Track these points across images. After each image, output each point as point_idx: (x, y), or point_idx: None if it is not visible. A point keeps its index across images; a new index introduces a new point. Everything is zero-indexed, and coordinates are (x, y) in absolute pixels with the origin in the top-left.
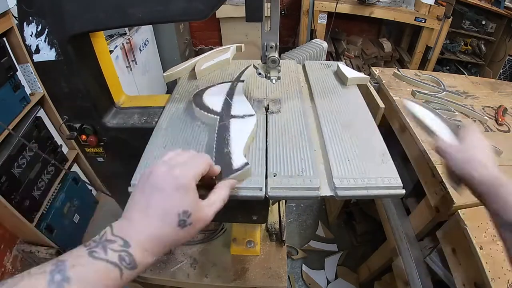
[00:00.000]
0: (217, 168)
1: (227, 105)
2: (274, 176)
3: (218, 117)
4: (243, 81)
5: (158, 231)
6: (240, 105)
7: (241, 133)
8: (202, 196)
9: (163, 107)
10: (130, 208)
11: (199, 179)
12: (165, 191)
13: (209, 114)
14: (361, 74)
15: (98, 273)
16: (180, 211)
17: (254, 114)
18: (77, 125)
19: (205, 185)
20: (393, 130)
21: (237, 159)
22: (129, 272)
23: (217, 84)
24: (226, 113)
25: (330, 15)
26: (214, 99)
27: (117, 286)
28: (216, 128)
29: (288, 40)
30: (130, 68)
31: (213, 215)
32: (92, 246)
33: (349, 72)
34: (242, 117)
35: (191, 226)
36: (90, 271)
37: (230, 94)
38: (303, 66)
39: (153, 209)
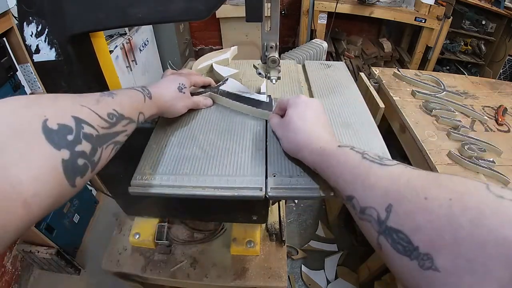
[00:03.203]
0: (205, 80)
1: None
2: (274, 176)
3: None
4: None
5: (165, 86)
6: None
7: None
8: None
9: None
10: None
11: (192, 84)
12: (173, 76)
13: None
14: (234, 70)
15: (131, 92)
16: (181, 82)
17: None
18: None
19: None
20: (393, 130)
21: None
22: (148, 99)
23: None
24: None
25: (330, 15)
26: None
27: (142, 107)
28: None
29: (288, 40)
30: (130, 68)
31: (193, 102)
32: None
33: (224, 72)
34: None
35: (184, 94)
36: (126, 91)
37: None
38: (303, 66)
39: (166, 79)
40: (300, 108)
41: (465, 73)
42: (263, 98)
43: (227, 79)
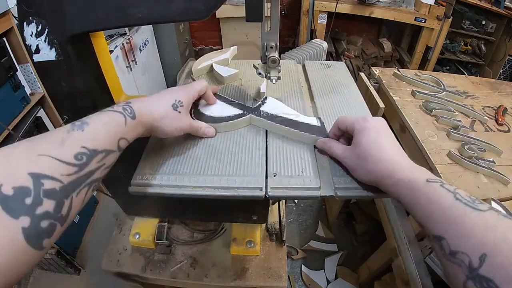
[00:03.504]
0: (215, 89)
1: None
2: (274, 176)
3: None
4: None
5: (156, 101)
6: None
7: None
8: None
9: None
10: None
11: (196, 95)
12: (171, 90)
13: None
14: (234, 70)
15: (108, 117)
16: (177, 98)
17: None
18: None
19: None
20: (393, 130)
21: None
22: (130, 120)
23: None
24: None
25: (330, 15)
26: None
27: (123, 130)
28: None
29: (288, 40)
30: (130, 68)
31: (190, 126)
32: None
33: (224, 72)
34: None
35: (179, 113)
36: (102, 116)
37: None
38: (303, 66)
39: (159, 94)
40: (373, 134)
41: (465, 73)
42: (313, 121)
43: (266, 97)
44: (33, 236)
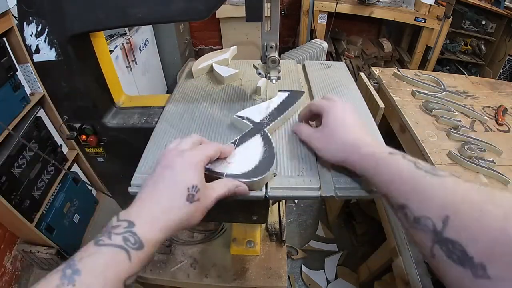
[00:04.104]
0: (230, 148)
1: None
2: (274, 176)
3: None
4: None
5: (166, 204)
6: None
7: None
8: None
9: (163, 107)
10: (140, 191)
11: (207, 161)
12: (175, 169)
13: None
14: (234, 70)
15: (105, 259)
16: (190, 185)
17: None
18: (77, 125)
19: (212, 179)
20: (393, 130)
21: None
22: (137, 252)
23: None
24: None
25: (330, 15)
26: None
27: (129, 269)
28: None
29: (288, 40)
30: (130, 68)
31: (216, 200)
32: (98, 237)
33: (224, 71)
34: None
35: (198, 202)
36: (97, 259)
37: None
38: (303, 66)
39: (163, 183)
40: (339, 114)
41: (465, 73)
42: (284, 95)
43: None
44: None
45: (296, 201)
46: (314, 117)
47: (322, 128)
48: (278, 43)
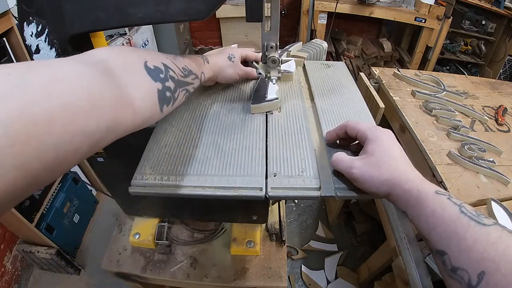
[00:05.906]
0: (257, 55)
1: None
2: (274, 176)
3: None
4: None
5: (218, 56)
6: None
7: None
8: None
9: None
10: (208, 55)
11: (242, 54)
12: (226, 49)
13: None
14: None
15: (194, 56)
16: (230, 53)
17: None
18: None
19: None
20: (393, 130)
21: (270, 94)
22: (207, 63)
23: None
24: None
25: (330, 15)
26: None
27: (203, 67)
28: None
29: (288, 40)
30: None
31: (242, 71)
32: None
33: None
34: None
35: (233, 63)
36: (190, 55)
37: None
38: (303, 66)
39: (218, 51)
40: (386, 144)
41: (465, 73)
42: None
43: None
44: (161, 98)
45: (296, 201)
46: (346, 140)
47: (365, 157)
48: (278, 43)
